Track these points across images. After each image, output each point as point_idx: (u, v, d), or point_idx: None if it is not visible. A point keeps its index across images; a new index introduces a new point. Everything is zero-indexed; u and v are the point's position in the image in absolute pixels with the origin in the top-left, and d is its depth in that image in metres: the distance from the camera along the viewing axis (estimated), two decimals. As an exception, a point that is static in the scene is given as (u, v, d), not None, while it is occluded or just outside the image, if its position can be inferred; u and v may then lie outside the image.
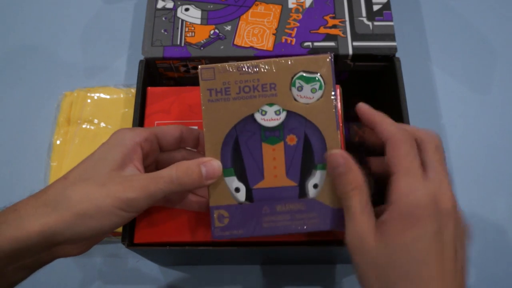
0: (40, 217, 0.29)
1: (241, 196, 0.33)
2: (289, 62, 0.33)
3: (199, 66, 0.34)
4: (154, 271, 0.51)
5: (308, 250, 0.40)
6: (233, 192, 0.33)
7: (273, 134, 0.34)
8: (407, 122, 0.41)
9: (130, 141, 0.33)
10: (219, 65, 0.33)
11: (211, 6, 0.46)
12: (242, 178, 0.34)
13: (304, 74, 0.33)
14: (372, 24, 0.45)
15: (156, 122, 0.41)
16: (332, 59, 0.33)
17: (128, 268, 0.52)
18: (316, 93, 0.33)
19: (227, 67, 0.33)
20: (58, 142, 0.55)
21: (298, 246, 0.38)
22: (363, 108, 0.34)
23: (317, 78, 0.33)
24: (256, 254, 0.45)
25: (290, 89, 0.33)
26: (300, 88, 0.33)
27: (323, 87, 0.33)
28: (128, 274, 0.51)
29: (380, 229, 0.29)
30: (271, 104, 0.33)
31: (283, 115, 0.33)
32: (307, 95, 0.33)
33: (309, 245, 0.38)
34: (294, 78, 0.33)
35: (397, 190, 0.28)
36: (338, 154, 0.31)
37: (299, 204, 0.33)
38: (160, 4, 0.47)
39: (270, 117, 0.33)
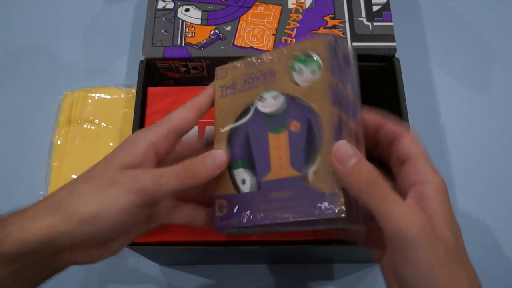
0: (42, 218, 0.28)
1: (246, 187, 0.32)
2: (288, 48, 0.33)
3: (216, 68, 0.35)
4: (155, 271, 0.52)
5: (309, 250, 0.41)
6: (239, 183, 0.32)
7: (279, 123, 0.32)
8: (407, 122, 0.41)
9: (142, 143, 0.31)
10: (230, 63, 0.35)
11: (211, 7, 0.47)
12: (252, 171, 0.32)
13: (302, 57, 0.32)
14: (372, 24, 0.45)
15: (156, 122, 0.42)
16: (332, 39, 0.31)
17: (128, 267, 0.52)
18: (315, 75, 0.31)
19: (237, 64, 0.34)
20: (59, 142, 0.55)
21: (299, 246, 0.38)
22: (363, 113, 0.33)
23: (315, 59, 0.31)
24: (256, 254, 0.45)
25: (292, 74, 0.32)
26: (301, 72, 0.32)
27: (321, 68, 0.31)
28: (128, 273, 0.51)
29: (423, 208, 0.27)
30: (269, 90, 0.33)
31: (280, 99, 0.32)
32: (307, 78, 0.31)
33: (310, 244, 0.38)
34: (293, 62, 0.32)
35: (426, 171, 0.28)
36: (341, 144, 0.28)
37: (290, 192, 0.30)
38: (160, 5, 0.47)
39: (269, 102, 0.32)
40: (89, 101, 0.56)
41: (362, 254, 0.47)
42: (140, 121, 0.41)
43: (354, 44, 0.44)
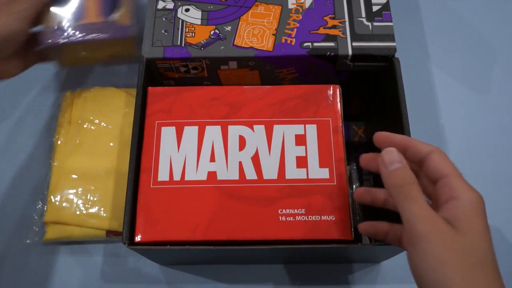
0: None
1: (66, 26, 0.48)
2: None
3: None
4: (155, 271, 0.52)
5: (310, 250, 0.41)
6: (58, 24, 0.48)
7: None
8: (407, 123, 0.41)
9: None
10: None
11: (211, 7, 0.47)
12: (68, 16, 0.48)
13: None
14: (372, 24, 0.45)
15: (157, 121, 0.42)
16: None
17: (128, 267, 0.52)
18: None
19: None
20: (59, 142, 0.55)
21: (300, 246, 0.39)
22: (386, 134, 0.35)
23: None
24: (256, 254, 0.45)
25: None
26: None
27: None
28: (128, 273, 0.51)
29: (452, 222, 0.29)
30: None
31: None
32: None
33: (312, 245, 0.38)
34: None
35: (456, 189, 0.30)
36: (394, 151, 0.32)
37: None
38: (160, 5, 0.47)
39: None
40: (89, 101, 0.56)
41: (362, 254, 0.47)
42: (140, 121, 0.41)
43: (354, 44, 0.44)
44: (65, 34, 0.48)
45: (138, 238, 0.38)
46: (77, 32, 0.48)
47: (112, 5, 0.47)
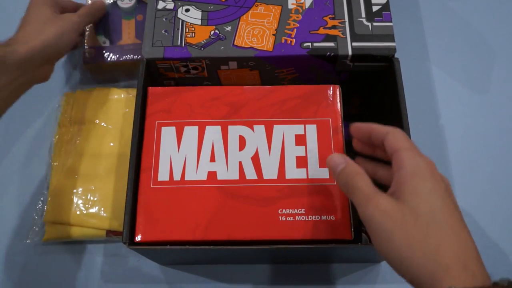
0: (32, 40, 0.46)
1: (106, 44, 0.57)
2: None
3: None
4: (155, 271, 0.52)
5: (309, 250, 0.41)
6: (101, 43, 0.57)
7: (129, 14, 0.57)
8: (406, 123, 0.41)
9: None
10: None
11: (212, 7, 0.47)
12: (109, 38, 0.57)
13: None
14: (372, 24, 0.45)
15: (157, 121, 0.42)
16: None
17: (128, 267, 0.52)
18: None
19: None
20: (59, 142, 0.55)
21: (300, 246, 0.39)
22: (356, 124, 0.37)
23: None
24: (256, 254, 0.45)
25: None
26: None
27: None
28: (129, 273, 0.52)
29: (395, 196, 0.31)
30: None
31: (133, 1, 0.57)
32: None
33: (310, 245, 0.38)
34: None
35: (402, 160, 0.31)
36: (334, 155, 0.35)
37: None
38: (160, 5, 0.47)
39: (126, 2, 0.57)
40: (89, 101, 0.56)
41: (362, 254, 0.47)
42: (140, 121, 0.41)
43: (354, 44, 0.44)
44: (104, 52, 0.56)
45: (138, 238, 0.38)
46: (115, 52, 0.55)
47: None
